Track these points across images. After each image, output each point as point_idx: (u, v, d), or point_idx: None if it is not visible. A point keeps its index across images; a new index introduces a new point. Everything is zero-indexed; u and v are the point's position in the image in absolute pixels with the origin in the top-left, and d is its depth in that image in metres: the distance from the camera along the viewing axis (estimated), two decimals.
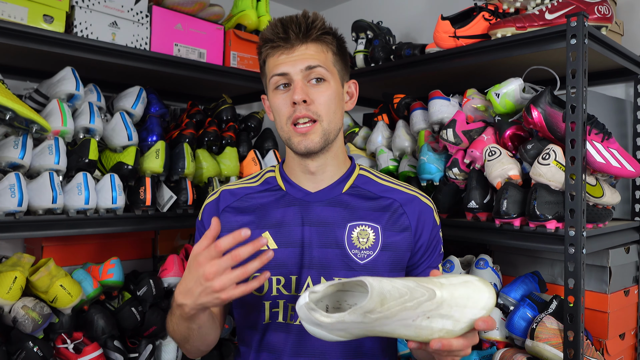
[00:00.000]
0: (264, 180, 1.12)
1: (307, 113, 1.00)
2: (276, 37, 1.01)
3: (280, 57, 1.01)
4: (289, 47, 1.01)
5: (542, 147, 1.26)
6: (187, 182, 1.54)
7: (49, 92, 1.42)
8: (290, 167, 1.10)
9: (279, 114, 1.03)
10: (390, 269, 1.04)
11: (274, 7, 2.40)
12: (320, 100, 1.01)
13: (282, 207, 1.06)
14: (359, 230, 1.04)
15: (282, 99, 1.02)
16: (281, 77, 1.01)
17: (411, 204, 1.08)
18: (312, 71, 1.01)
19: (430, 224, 1.09)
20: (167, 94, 1.94)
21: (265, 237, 1.03)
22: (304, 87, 1.00)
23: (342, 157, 1.10)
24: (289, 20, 1.02)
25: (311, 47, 1.01)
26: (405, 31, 2.21)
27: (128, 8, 1.47)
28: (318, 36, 1.02)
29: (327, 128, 1.02)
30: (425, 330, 0.74)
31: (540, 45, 1.28)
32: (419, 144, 1.56)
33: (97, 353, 1.37)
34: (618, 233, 1.42)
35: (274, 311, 1.03)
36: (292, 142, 1.02)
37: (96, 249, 1.67)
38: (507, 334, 1.31)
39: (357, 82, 1.14)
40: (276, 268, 1.02)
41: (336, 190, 1.08)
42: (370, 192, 1.09)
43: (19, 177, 1.22)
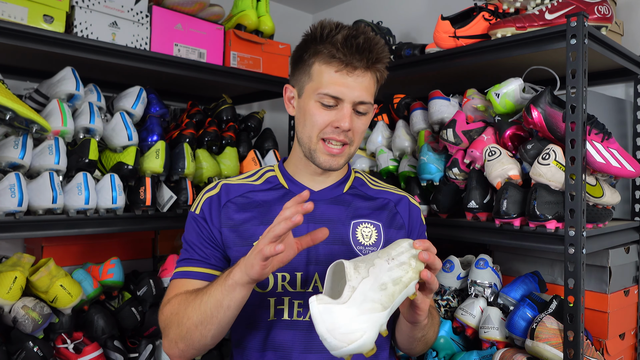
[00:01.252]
0: (265, 180, 1.13)
1: (344, 139, 1.03)
2: (346, 53, 0.97)
3: (338, 76, 0.99)
4: (352, 68, 0.99)
5: (542, 147, 1.26)
6: (187, 182, 1.54)
7: (49, 92, 1.42)
8: (294, 166, 1.12)
9: (313, 126, 1.02)
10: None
11: (274, 7, 2.40)
12: (358, 129, 1.04)
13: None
14: (362, 227, 1.08)
15: (326, 115, 1.01)
16: (333, 99, 1.00)
17: (402, 203, 1.14)
18: (361, 106, 1.02)
19: (418, 223, 1.15)
20: (167, 94, 1.95)
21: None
22: (352, 117, 1.02)
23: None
24: (364, 41, 0.98)
25: (367, 77, 1.01)
26: (405, 31, 2.21)
27: (128, 8, 1.47)
28: (378, 68, 1.03)
29: (352, 152, 1.07)
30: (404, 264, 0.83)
31: (540, 45, 1.28)
32: (419, 144, 1.56)
33: (97, 353, 1.37)
34: (618, 233, 1.42)
35: (278, 308, 1.03)
36: (317, 157, 1.04)
37: (96, 249, 1.67)
38: (507, 334, 1.31)
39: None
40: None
41: (338, 190, 1.12)
42: (367, 194, 1.14)
43: (19, 177, 1.22)
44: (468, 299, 1.42)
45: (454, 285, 1.48)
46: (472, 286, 1.41)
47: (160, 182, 1.54)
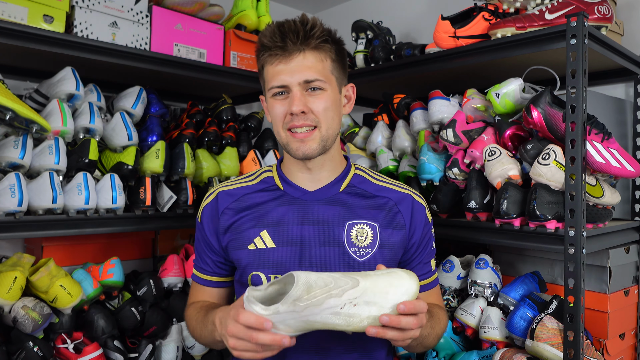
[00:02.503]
0: (261, 180, 1.13)
1: (305, 122, 1.01)
2: (274, 45, 1.01)
3: (278, 67, 1.02)
4: (287, 55, 1.01)
5: (542, 147, 1.26)
6: (187, 182, 1.54)
7: (49, 92, 1.42)
8: (287, 167, 1.11)
9: (276, 119, 1.04)
10: (388, 266, 1.04)
11: (274, 7, 2.40)
12: (318, 108, 1.02)
13: (281, 206, 1.07)
14: (357, 228, 1.06)
15: (280, 105, 1.03)
16: (279, 89, 1.03)
17: (405, 202, 1.10)
18: (311, 84, 1.02)
19: (422, 221, 1.11)
20: (167, 94, 1.94)
21: (264, 236, 1.04)
22: (302, 98, 1.01)
23: (338, 158, 1.12)
24: (287, 27, 1.01)
25: (309, 57, 1.01)
26: (405, 31, 2.21)
27: (128, 8, 1.47)
28: (317, 45, 1.02)
29: (325, 134, 1.04)
30: (354, 317, 0.80)
31: (540, 45, 1.28)
32: (419, 144, 1.56)
33: (97, 353, 1.37)
34: (618, 233, 1.42)
35: None
36: (290, 147, 1.04)
37: (96, 249, 1.67)
38: (507, 334, 1.31)
39: (355, 85, 1.14)
40: (275, 267, 1.03)
41: (334, 189, 1.09)
42: (366, 191, 1.10)
43: (19, 177, 1.22)
44: (468, 299, 1.43)
45: (454, 285, 1.48)
46: (472, 286, 1.41)
47: (160, 182, 1.54)
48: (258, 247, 1.04)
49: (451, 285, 1.48)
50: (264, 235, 1.05)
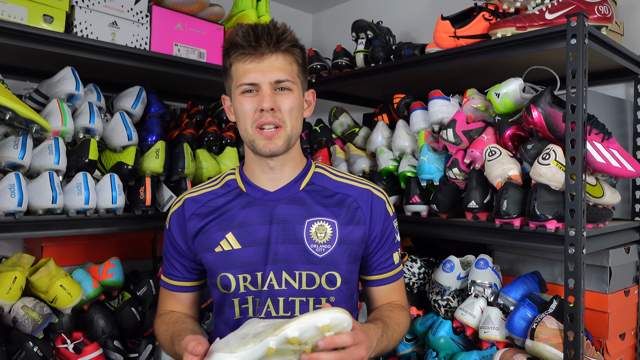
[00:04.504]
0: (225, 183, 1.16)
1: (273, 120, 1.05)
2: (247, 44, 1.04)
3: (249, 65, 1.05)
4: (259, 55, 1.04)
5: (542, 147, 1.26)
6: (187, 182, 1.54)
7: (49, 92, 1.42)
8: (249, 168, 1.15)
9: (244, 117, 1.07)
10: (348, 260, 1.10)
11: (274, 7, 2.40)
12: (285, 107, 1.06)
13: (244, 208, 1.11)
14: (316, 225, 1.09)
15: (249, 103, 1.06)
16: (250, 86, 1.05)
17: (364, 197, 1.13)
18: (280, 84, 1.05)
19: (382, 215, 1.14)
20: (167, 94, 1.94)
21: (229, 238, 1.08)
22: (272, 96, 1.04)
23: (298, 158, 1.16)
24: (260, 29, 1.05)
25: (280, 58, 1.06)
26: (405, 31, 2.21)
27: (128, 8, 1.47)
28: (287, 48, 1.06)
29: (290, 133, 1.07)
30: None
31: (540, 45, 1.28)
32: (419, 144, 1.56)
33: (97, 353, 1.37)
34: (618, 233, 1.42)
35: (243, 307, 1.09)
36: (257, 144, 1.06)
37: (96, 249, 1.67)
38: (507, 334, 1.31)
39: (315, 91, 1.19)
40: (242, 267, 1.07)
41: (294, 188, 1.12)
42: (326, 189, 1.14)
43: (18, 177, 1.22)
44: (468, 299, 1.42)
45: (454, 285, 1.48)
46: (472, 286, 1.41)
47: (160, 182, 1.53)
48: (224, 249, 1.08)
49: (451, 285, 1.48)
50: (230, 237, 1.09)
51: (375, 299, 1.19)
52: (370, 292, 1.19)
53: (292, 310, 1.07)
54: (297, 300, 1.07)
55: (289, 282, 1.07)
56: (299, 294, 1.07)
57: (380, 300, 1.18)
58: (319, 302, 1.08)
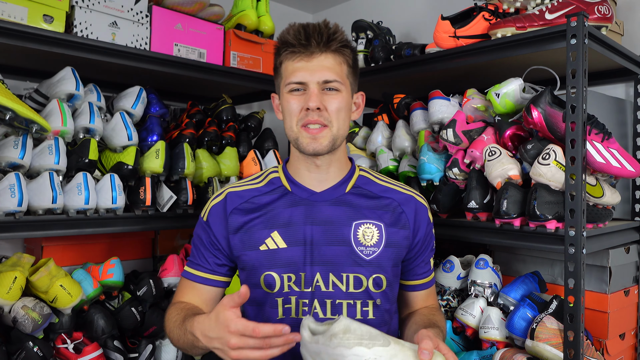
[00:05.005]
0: (269, 181, 1.15)
1: (319, 119, 1.04)
2: (297, 43, 1.04)
3: (298, 64, 1.05)
4: (309, 54, 1.04)
5: (542, 147, 1.26)
6: (187, 182, 1.54)
7: (49, 92, 1.42)
8: (294, 167, 1.14)
9: (291, 115, 1.06)
10: (393, 264, 1.10)
11: (274, 7, 2.40)
12: (332, 107, 1.05)
13: (289, 207, 1.10)
14: (364, 228, 1.09)
15: (296, 101, 1.06)
16: (297, 85, 1.05)
17: (408, 203, 1.13)
18: (328, 84, 1.05)
19: (425, 221, 1.15)
20: (167, 94, 1.94)
21: (274, 237, 1.07)
22: (319, 95, 1.04)
23: (344, 160, 1.16)
24: (312, 28, 1.05)
25: (329, 58, 1.05)
26: (405, 31, 2.21)
27: (128, 8, 1.47)
28: (337, 48, 1.06)
29: (335, 134, 1.07)
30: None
31: (540, 45, 1.28)
32: (419, 144, 1.56)
33: (97, 353, 1.37)
34: (618, 233, 1.42)
35: (286, 307, 1.08)
36: (301, 142, 1.06)
37: (96, 249, 1.67)
38: (507, 334, 1.31)
39: (364, 94, 1.18)
40: (287, 266, 1.06)
41: (340, 190, 1.12)
42: (371, 192, 1.14)
43: (18, 177, 1.22)
44: (468, 299, 1.42)
45: (454, 285, 1.48)
46: (472, 286, 1.41)
47: (160, 182, 1.53)
48: (270, 247, 1.07)
49: (451, 285, 1.48)
50: (275, 236, 1.08)
51: (413, 303, 1.19)
52: (407, 296, 1.19)
53: (339, 312, 1.07)
54: (344, 302, 1.07)
55: (336, 284, 1.07)
56: (346, 297, 1.07)
57: (417, 305, 1.19)
58: (365, 304, 1.08)
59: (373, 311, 1.08)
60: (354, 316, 1.07)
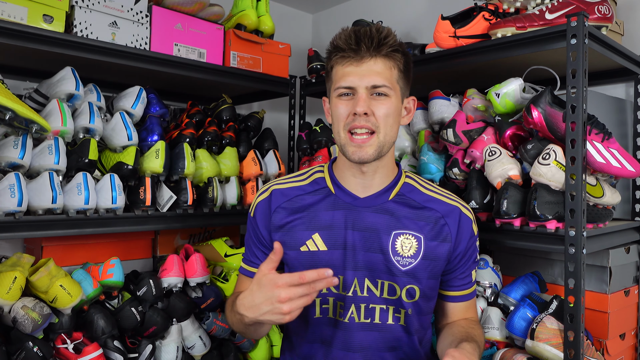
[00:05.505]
0: (313, 180, 1.16)
1: (366, 124, 1.04)
2: (348, 47, 1.04)
3: (348, 68, 1.05)
4: (358, 59, 1.04)
5: (542, 147, 1.26)
6: (187, 182, 1.53)
7: (49, 92, 1.42)
8: (340, 170, 1.14)
9: (338, 119, 1.07)
10: (429, 276, 1.10)
11: (274, 7, 2.40)
12: (379, 112, 1.04)
13: (331, 210, 1.11)
14: (402, 238, 1.09)
15: (344, 106, 1.06)
16: (346, 89, 1.05)
17: (452, 214, 1.13)
18: (377, 89, 1.04)
19: (468, 234, 1.14)
20: (167, 94, 1.94)
21: (315, 238, 1.09)
22: (367, 100, 1.04)
23: (391, 166, 1.15)
24: (363, 32, 1.05)
25: (379, 63, 1.05)
26: (405, 31, 2.21)
27: (128, 8, 1.47)
28: (388, 53, 1.05)
29: (382, 140, 1.06)
30: None
31: (540, 45, 1.28)
32: (419, 144, 1.56)
33: (97, 353, 1.37)
34: (618, 233, 1.42)
35: (324, 307, 1.10)
36: (347, 150, 1.06)
37: (96, 249, 1.66)
38: (507, 334, 1.31)
39: (416, 98, 1.17)
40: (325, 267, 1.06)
41: (383, 198, 1.12)
42: (415, 201, 1.13)
43: (18, 177, 1.22)
44: None
45: None
46: None
47: (160, 182, 1.53)
48: (310, 249, 1.09)
49: None
50: (316, 238, 1.09)
51: (451, 314, 1.19)
52: (445, 307, 1.19)
53: (372, 317, 1.08)
54: (377, 307, 1.08)
55: (370, 289, 1.08)
56: (380, 302, 1.08)
57: (455, 316, 1.18)
58: (398, 311, 1.09)
59: (404, 318, 1.10)
60: (386, 321, 1.09)
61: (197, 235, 1.94)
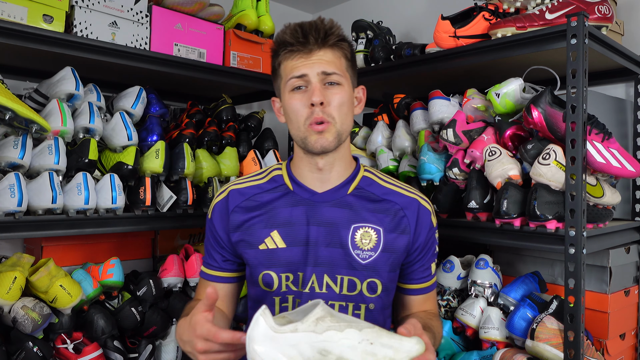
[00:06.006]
0: (271, 178, 1.15)
1: (322, 116, 1.03)
2: (296, 41, 1.04)
3: (298, 61, 1.04)
4: (307, 51, 1.04)
5: (542, 147, 1.26)
6: (187, 182, 1.54)
7: (49, 92, 1.42)
8: (297, 167, 1.13)
9: (297, 114, 1.05)
10: (390, 269, 1.09)
11: (274, 7, 2.40)
12: (334, 102, 1.04)
13: (290, 207, 1.10)
14: (362, 231, 1.08)
15: (300, 100, 1.05)
16: (299, 80, 1.04)
17: (411, 206, 1.12)
18: (328, 77, 1.04)
19: (427, 226, 1.13)
20: (167, 94, 1.94)
21: (274, 236, 1.07)
22: (322, 90, 1.03)
23: (348, 159, 1.14)
24: (308, 25, 1.05)
25: (328, 53, 1.05)
26: (405, 31, 2.21)
27: (128, 8, 1.47)
28: (335, 42, 1.06)
29: (339, 129, 1.06)
30: (369, 356, 0.78)
31: (541, 45, 1.28)
32: (419, 144, 1.56)
33: (97, 353, 1.37)
34: (618, 233, 1.42)
35: (283, 306, 1.08)
36: (309, 140, 1.05)
37: (96, 249, 1.67)
38: (507, 334, 1.31)
39: (365, 87, 1.17)
40: (285, 265, 1.07)
41: (342, 192, 1.11)
42: (374, 194, 1.12)
43: (18, 177, 1.22)
44: (468, 299, 1.42)
45: (454, 285, 1.48)
46: (472, 286, 1.41)
47: (160, 182, 1.53)
48: (269, 247, 1.08)
49: (451, 285, 1.48)
50: (275, 235, 1.08)
51: (409, 306, 1.18)
52: (405, 300, 1.18)
53: None
54: (336, 304, 1.07)
55: (330, 285, 1.07)
56: (339, 299, 1.07)
57: (414, 308, 1.18)
58: (357, 308, 1.08)
59: (365, 315, 1.08)
60: None
61: (197, 235, 1.95)
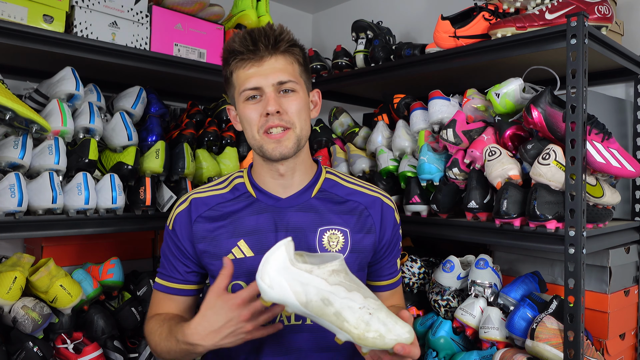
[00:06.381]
0: (233, 187, 1.13)
1: (280, 122, 1.02)
2: (245, 50, 1.02)
3: (250, 70, 1.03)
4: (258, 59, 1.02)
5: (542, 147, 1.26)
6: (187, 182, 1.54)
7: (49, 92, 1.42)
8: (259, 174, 1.11)
9: (251, 124, 1.04)
10: (358, 268, 1.10)
11: (274, 7, 2.40)
12: (291, 109, 1.03)
13: (255, 214, 1.08)
14: (329, 234, 1.08)
15: (254, 109, 1.04)
16: (253, 91, 1.03)
17: (375, 205, 1.12)
18: (283, 85, 1.03)
19: (392, 223, 1.14)
20: (167, 94, 1.94)
21: (241, 245, 1.06)
22: (277, 99, 1.02)
23: (308, 162, 1.13)
24: (257, 32, 1.03)
25: (280, 60, 1.03)
26: (405, 31, 2.21)
27: (128, 8, 1.47)
28: (286, 48, 1.04)
29: (299, 135, 1.05)
30: (363, 323, 0.82)
31: (540, 45, 1.28)
32: (419, 144, 1.56)
33: (97, 353, 1.37)
34: (618, 233, 1.42)
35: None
36: (266, 149, 1.04)
37: (96, 249, 1.67)
38: (507, 334, 1.31)
39: (320, 91, 1.17)
40: (254, 274, 1.02)
41: (305, 195, 1.10)
42: (337, 196, 1.12)
43: (18, 177, 1.22)
44: (468, 299, 1.42)
45: (454, 285, 1.48)
46: (472, 286, 1.41)
47: (160, 182, 1.53)
48: (237, 256, 1.05)
49: (451, 285, 1.48)
50: (242, 245, 1.06)
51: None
52: None
53: (304, 319, 1.06)
54: None
55: None
56: None
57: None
58: None
59: None
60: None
61: None
